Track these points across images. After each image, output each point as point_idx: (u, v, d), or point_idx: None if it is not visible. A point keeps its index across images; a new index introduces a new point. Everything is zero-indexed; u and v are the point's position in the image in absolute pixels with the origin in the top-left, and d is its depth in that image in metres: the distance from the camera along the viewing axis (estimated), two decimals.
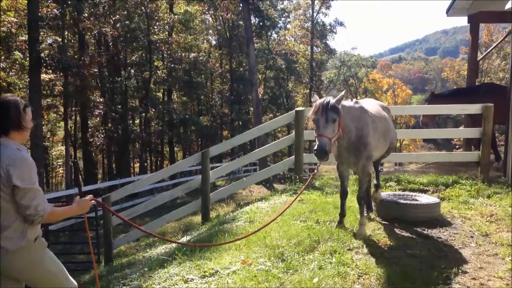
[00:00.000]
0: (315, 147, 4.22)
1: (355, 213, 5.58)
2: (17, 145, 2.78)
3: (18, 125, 2.78)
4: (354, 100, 5.17)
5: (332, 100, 4.32)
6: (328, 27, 45.60)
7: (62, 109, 25.92)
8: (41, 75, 18.45)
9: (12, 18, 21.66)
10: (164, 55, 29.30)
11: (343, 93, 4.56)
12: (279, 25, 44.12)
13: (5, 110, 2.74)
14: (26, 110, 2.85)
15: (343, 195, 5.37)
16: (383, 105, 5.85)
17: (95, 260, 8.65)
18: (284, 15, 45.66)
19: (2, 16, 21.36)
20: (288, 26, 47.69)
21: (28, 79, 19.17)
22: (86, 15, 22.37)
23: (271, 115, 42.53)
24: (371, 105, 5.49)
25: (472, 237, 5.07)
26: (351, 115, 4.73)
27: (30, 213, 2.70)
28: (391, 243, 4.83)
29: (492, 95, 8.85)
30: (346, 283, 3.84)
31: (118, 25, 24.11)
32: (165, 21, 28.28)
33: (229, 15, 34.60)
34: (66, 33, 23.54)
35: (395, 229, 5.30)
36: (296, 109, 8.46)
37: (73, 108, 27.94)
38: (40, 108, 17.62)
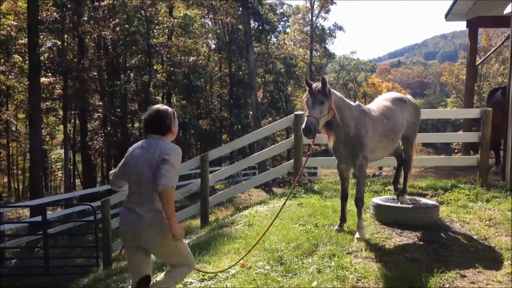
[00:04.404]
0: (303, 126, 4.58)
1: (353, 217, 5.58)
2: (171, 143, 3.37)
3: (170, 129, 3.43)
4: (357, 102, 5.28)
5: (320, 85, 4.70)
6: (327, 31, 45.78)
7: (61, 112, 25.94)
8: (41, 78, 18.47)
9: (12, 22, 21.71)
10: (164, 58, 29.33)
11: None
12: (278, 29, 44.20)
13: (162, 119, 3.39)
14: (175, 116, 3.51)
15: (343, 197, 5.42)
16: (399, 98, 5.77)
17: (94, 263, 8.63)
18: (283, 19, 45.76)
19: (2, 19, 21.41)
20: (288, 30, 47.85)
21: (28, 82, 19.19)
22: (86, 18, 22.42)
23: (270, 119, 42.56)
24: (377, 104, 5.58)
25: (470, 241, 5.07)
26: (351, 114, 5.00)
27: (160, 178, 3.07)
28: (390, 247, 4.84)
29: None
30: (345, 286, 3.84)
31: (117, 28, 24.13)
32: (165, 25, 28.33)
33: (228, 19, 34.65)
34: (65, 36, 23.58)
35: (394, 233, 5.31)
36: (296, 113, 8.47)
37: (73, 112, 27.95)
38: (39, 112, 17.59)
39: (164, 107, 3.48)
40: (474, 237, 5.21)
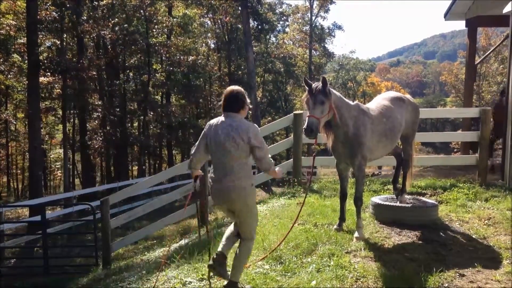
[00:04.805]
0: (304, 126, 4.59)
1: (353, 216, 5.58)
2: (249, 123, 3.82)
3: (243, 107, 3.84)
4: (356, 102, 5.28)
5: (321, 85, 4.69)
6: (327, 30, 45.71)
7: (60, 112, 25.85)
8: (40, 78, 18.40)
9: (11, 21, 21.64)
10: (163, 58, 29.28)
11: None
12: (277, 29, 44.14)
13: (236, 97, 3.81)
14: (246, 96, 3.90)
15: (342, 196, 5.43)
16: (398, 97, 5.78)
17: (93, 263, 8.63)
18: (282, 18, 45.69)
19: (1, 19, 21.36)
20: (287, 29, 47.73)
21: (27, 81, 19.15)
22: (85, 18, 22.34)
23: (269, 118, 42.49)
24: (376, 103, 5.57)
25: (469, 240, 5.08)
26: (350, 113, 4.98)
27: (263, 164, 3.80)
28: (389, 246, 4.84)
29: None
30: (344, 286, 3.85)
31: (117, 28, 24.08)
32: (164, 24, 28.27)
33: (228, 18, 34.60)
34: (65, 36, 23.49)
35: (393, 232, 5.31)
36: (295, 112, 8.47)
37: (72, 111, 27.89)
38: (38, 111, 17.56)
39: (238, 87, 3.93)
40: (473, 236, 5.22)
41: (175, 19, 28.49)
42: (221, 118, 3.83)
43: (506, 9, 8.54)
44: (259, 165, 3.85)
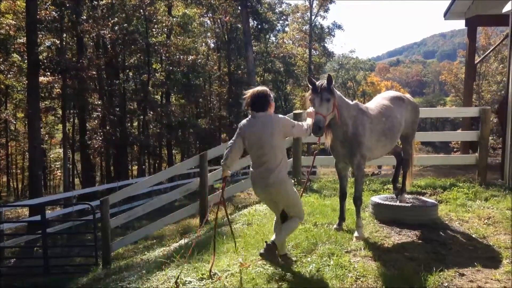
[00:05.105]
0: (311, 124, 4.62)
1: (352, 215, 5.58)
2: (277, 116, 4.14)
3: (269, 106, 4.16)
4: (355, 101, 5.28)
5: (326, 83, 4.71)
6: (326, 30, 45.75)
7: (60, 111, 25.86)
8: (39, 77, 18.40)
9: (11, 21, 21.65)
10: (163, 57, 29.27)
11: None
12: (277, 28, 44.18)
13: (264, 98, 4.13)
14: (270, 93, 4.21)
15: (342, 196, 5.42)
16: (398, 97, 5.76)
17: (93, 262, 8.63)
18: (282, 18, 45.73)
19: (1, 19, 21.36)
20: (287, 29, 47.81)
21: (26, 81, 19.15)
22: (85, 17, 22.34)
23: None
24: (375, 102, 5.57)
25: (469, 240, 5.08)
26: (349, 113, 4.97)
27: (306, 133, 4.36)
28: (389, 246, 4.84)
29: None
30: (344, 285, 3.85)
31: (116, 27, 24.08)
32: (164, 24, 28.26)
33: (227, 18, 34.60)
34: (64, 35, 23.49)
35: (393, 232, 5.31)
36: (294, 111, 8.47)
37: (71, 111, 27.89)
38: (38, 111, 17.56)
39: (263, 88, 4.25)
40: (473, 235, 5.22)
41: (174, 19, 28.49)
42: (252, 118, 4.15)
43: (506, 9, 8.55)
44: (299, 134, 4.46)
